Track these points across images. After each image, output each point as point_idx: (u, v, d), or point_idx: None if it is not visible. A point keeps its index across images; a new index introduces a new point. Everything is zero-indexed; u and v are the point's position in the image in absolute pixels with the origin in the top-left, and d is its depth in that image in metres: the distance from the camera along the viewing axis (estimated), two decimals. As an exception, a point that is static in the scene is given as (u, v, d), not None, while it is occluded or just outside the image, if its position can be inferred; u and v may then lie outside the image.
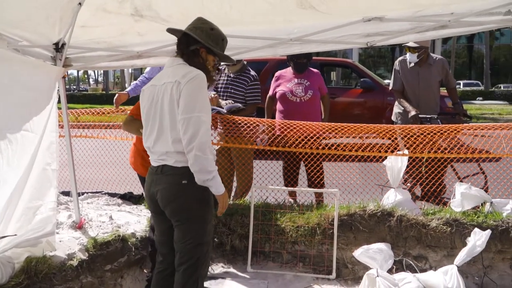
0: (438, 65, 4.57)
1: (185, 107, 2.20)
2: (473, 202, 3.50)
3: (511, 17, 3.04)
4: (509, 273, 3.28)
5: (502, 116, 16.03)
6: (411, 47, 4.44)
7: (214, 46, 2.36)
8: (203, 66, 2.36)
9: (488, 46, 33.19)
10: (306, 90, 4.40)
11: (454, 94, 4.80)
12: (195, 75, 2.24)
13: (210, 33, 2.36)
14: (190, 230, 2.33)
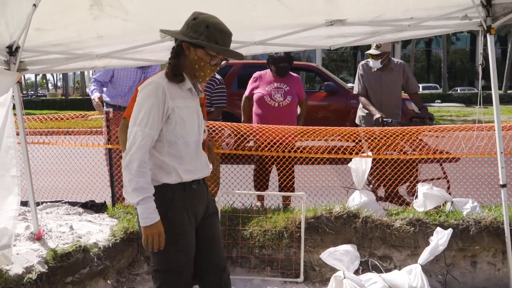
0: (399, 69, 4.67)
1: (131, 119, 2.02)
2: (435, 202, 3.59)
3: (467, 22, 3.16)
4: (471, 270, 3.38)
5: (459, 117, 16.67)
6: (374, 54, 4.51)
7: (195, 36, 1.95)
8: (188, 64, 2.03)
9: (445, 50, 34.54)
10: (285, 96, 4.35)
11: (417, 99, 4.89)
12: (147, 84, 2.01)
13: (191, 23, 1.99)
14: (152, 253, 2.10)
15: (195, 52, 1.99)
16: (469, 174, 4.53)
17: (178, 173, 2.03)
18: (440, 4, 3.00)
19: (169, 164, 2.02)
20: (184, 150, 2.05)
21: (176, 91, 2.02)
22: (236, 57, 2.14)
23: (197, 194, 2.13)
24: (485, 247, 3.32)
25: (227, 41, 2.01)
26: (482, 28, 3.07)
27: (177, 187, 2.04)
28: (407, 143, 4.26)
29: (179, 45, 2.02)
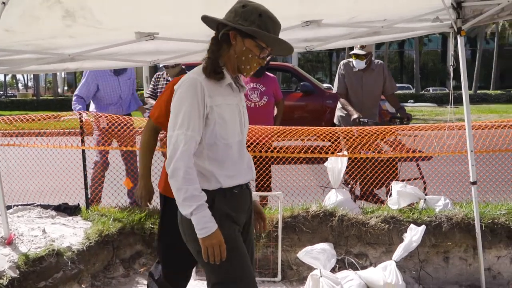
0: (379, 70, 4.73)
1: (169, 122, 1.83)
2: (408, 199, 3.66)
3: (439, 24, 3.24)
4: (443, 266, 3.47)
5: (431, 117, 17.07)
6: (361, 54, 4.56)
7: (246, 25, 1.77)
8: (232, 55, 1.83)
9: (417, 51, 35.29)
10: (261, 96, 4.37)
11: (394, 99, 4.97)
12: (182, 81, 1.83)
13: (240, 10, 1.79)
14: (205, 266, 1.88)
15: (243, 43, 1.80)
16: (441, 172, 4.65)
17: (217, 179, 1.85)
18: (412, 6, 3.07)
19: (209, 170, 1.85)
20: (225, 152, 1.87)
21: (215, 87, 1.83)
22: (288, 51, 1.90)
23: (239, 200, 1.94)
24: (456, 243, 3.41)
25: (278, 31, 1.84)
26: (453, 30, 3.16)
27: (216, 193, 1.86)
28: (386, 142, 4.35)
29: (224, 34, 1.81)
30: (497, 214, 3.49)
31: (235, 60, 1.85)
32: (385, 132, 4.09)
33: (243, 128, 1.96)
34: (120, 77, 4.63)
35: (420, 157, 4.28)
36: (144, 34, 2.78)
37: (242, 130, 1.95)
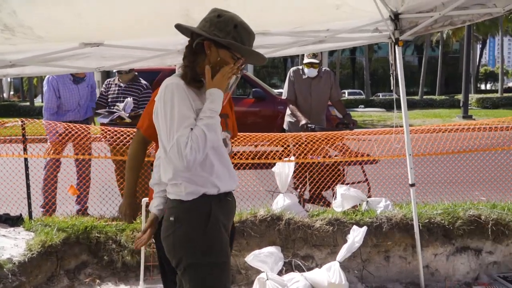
0: (327, 77, 4.90)
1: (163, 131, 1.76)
2: (352, 202, 3.81)
3: (378, 34, 3.42)
4: (384, 265, 3.63)
5: (380, 122, 17.72)
6: (315, 63, 4.69)
7: (221, 36, 1.76)
8: (207, 64, 1.81)
9: (367, 58, 36.49)
10: None
11: (341, 106, 5.15)
12: (165, 87, 1.78)
13: (215, 20, 1.79)
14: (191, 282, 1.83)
15: (218, 53, 1.79)
16: (387, 175, 4.87)
17: (214, 183, 1.84)
18: (353, 18, 3.22)
19: (202, 176, 1.82)
20: (215, 157, 1.86)
21: (195, 93, 1.82)
22: (262, 60, 1.91)
23: (230, 206, 1.95)
24: (396, 242, 3.59)
25: (252, 42, 1.85)
26: (391, 40, 3.34)
27: (213, 199, 1.84)
28: (331, 147, 4.50)
29: (199, 43, 1.80)
30: (434, 214, 3.70)
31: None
32: (332, 137, 4.24)
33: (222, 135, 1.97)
34: (80, 85, 4.75)
35: (365, 160, 4.47)
36: (89, 45, 2.76)
37: (222, 137, 1.96)
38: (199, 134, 1.71)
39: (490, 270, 3.74)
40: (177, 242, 1.82)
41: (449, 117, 19.34)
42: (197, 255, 1.80)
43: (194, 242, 1.80)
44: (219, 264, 1.82)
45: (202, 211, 1.81)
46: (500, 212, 3.77)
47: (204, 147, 1.73)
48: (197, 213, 1.81)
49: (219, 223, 1.84)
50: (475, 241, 3.70)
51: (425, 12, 2.93)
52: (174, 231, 1.82)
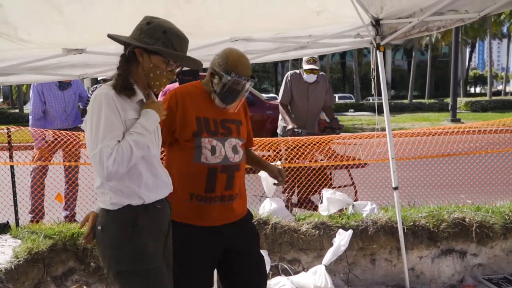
0: (323, 82, 4.93)
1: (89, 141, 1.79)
2: (338, 205, 3.84)
3: (360, 40, 3.47)
4: (370, 268, 3.66)
5: (369, 126, 17.85)
6: (315, 69, 4.70)
7: (151, 42, 1.80)
8: (141, 72, 1.85)
9: (357, 62, 36.75)
10: None
11: (330, 110, 5.18)
12: (93, 98, 1.80)
13: (145, 28, 1.82)
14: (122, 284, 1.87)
15: (150, 59, 1.82)
16: (372, 179, 4.92)
17: (139, 195, 1.85)
18: (334, 24, 3.27)
19: (128, 186, 1.83)
20: (143, 167, 1.86)
21: (126, 103, 1.82)
22: (195, 65, 1.97)
23: (162, 214, 1.95)
24: (382, 245, 3.62)
25: (184, 47, 1.88)
26: (373, 45, 3.39)
27: (139, 209, 1.85)
28: (320, 152, 4.54)
29: (131, 52, 1.83)
30: (419, 216, 3.75)
31: (144, 77, 1.86)
32: (320, 142, 4.28)
33: (158, 143, 1.99)
34: (65, 92, 4.74)
35: (352, 164, 4.51)
36: (72, 51, 2.77)
37: (158, 145, 1.98)
38: (125, 148, 1.74)
39: (475, 272, 3.79)
40: (105, 251, 1.86)
41: (438, 120, 19.52)
42: (123, 264, 1.82)
43: (120, 251, 1.82)
44: (149, 271, 1.83)
45: (126, 220, 1.83)
46: (484, 214, 3.82)
47: (128, 162, 1.75)
48: (121, 223, 1.83)
49: (145, 232, 1.85)
50: (459, 244, 3.74)
51: (404, 18, 2.99)
52: (101, 239, 1.86)
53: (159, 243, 1.93)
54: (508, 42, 43.44)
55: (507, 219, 3.79)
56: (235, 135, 2.21)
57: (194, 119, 2.14)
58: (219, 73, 2.11)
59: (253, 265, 2.29)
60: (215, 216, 2.18)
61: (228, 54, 2.15)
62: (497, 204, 4.17)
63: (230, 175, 2.17)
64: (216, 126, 2.17)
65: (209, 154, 2.13)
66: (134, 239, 1.83)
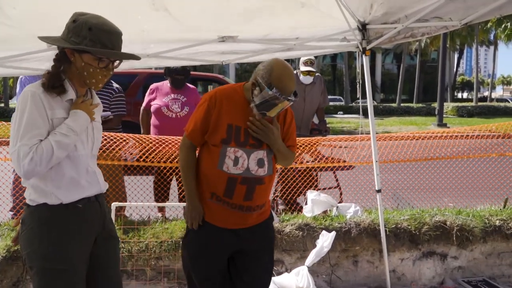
0: (319, 83, 4.94)
1: (11, 137, 1.79)
2: (322, 207, 3.87)
3: (346, 43, 3.50)
4: (353, 269, 3.69)
5: (357, 128, 17.96)
6: (312, 71, 4.70)
7: (78, 41, 1.78)
8: (75, 71, 1.85)
9: (347, 65, 36.95)
10: (182, 106, 4.37)
11: (322, 112, 5.21)
12: (21, 95, 1.81)
13: (71, 26, 1.80)
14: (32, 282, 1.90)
15: (81, 58, 1.81)
16: (356, 181, 4.96)
17: (57, 196, 1.85)
18: (321, 27, 3.29)
19: (47, 185, 1.84)
20: (66, 166, 1.86)
21: (55, 101, 1.82)
22: (129, 58, 1.92)
23: (85, 213, 1.92)
24: (364, 247, 3.65)
25: (115, 41, 1.83)
26: (359, 49, 3.42)
27: (57, 208, 1.86)
28: (304, 153, 4.56)
29: (61, 52, 1.84)
30: (401, 219, 3.79)
31: (79, 76, 1.86)
32: (308, 144, 4.30)
33: (91, 142, 1.98)
34: None
35: (338, 166, 4.55)
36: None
37: (90, 144, 1.97)
38: (46, 148, 1.75)
39: (455, 275, 3.85)
40: (22, 244, 1.89)
41: (425, 124, 19.73)
42: (34, 259, 1.84)
43: (33, 247, 1.84)
44: (59, 271, 1.83)
45: (42, 218, 1.84)
46: (464, 218, 3.88)
47: (48, 162, 1.76)
48: (37, 219, 1.84)
49: (61, 231, 1.85)
50: (440, 246, 3.79)
51: (390, 24, 3.02)
52: (21, 232, 1.89)
53: (83, 243, 1.92)
54: (494, 50, 44.10)
55: (487, 223, 3.86)
56: (264, 147, 2.19)
57: (226, 126, 2.14)
58: (260, 85, 2.07)
59: (258, 269, 2.32)
60: (233, 220, 2.22)
61: (274, 67, 2.09)
62: (477, 208, 4.24)
63: (250, 187, 2.17)
64: (246, 137, 2.16)
65: (231, 164, 2.14)
66: (48, 236, 1.83)
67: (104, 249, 2.02)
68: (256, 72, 2.12)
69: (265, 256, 2.35)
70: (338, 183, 4.73)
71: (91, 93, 2.00)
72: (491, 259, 3.90)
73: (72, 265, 1.87)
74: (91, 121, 1.94)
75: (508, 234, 3.87)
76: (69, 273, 1.86)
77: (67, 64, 1.84)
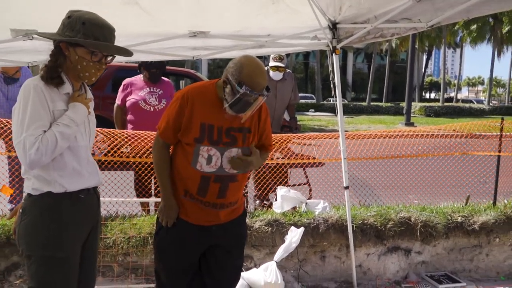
0: (290, 79, 4.93)
1: (15, 128, 1.86)
2: (291, 203, 3.91)
3: (317, 42, 3.54)
4: (320, 264, 3.75)
5: (328, 126, 18.21)
6: (281, 66, 4.70)
7: (72, 35, 1.86)
8: (70, 65, 1.92)
9: (319, 64, 37.34)
10: (160, 99, 4.29)
11: (293, 109, 5.23)
12: (22, 88, 1.88)
13: (66, 22, 1.90)
14: (28, 270, 1.95)
15: (75, 52, 1.89)
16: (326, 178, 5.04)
17: (61, 183, 1.92)
18: (293, 25, 3.32)
19: (51, 174, 1.91)
20: (68, 156, 1.94)
21: (55, 93, 1.90)
22: (122, 52, 1.98)
23: (86, 204, 2.02)
24: (332, 243, 3.72)
25: (107, 35, 1.91)
26: (329, 48, 3.47)
27: (61, 197, 1.93)
28: (277, 151, 4.59)
29: (57, 47, 1.92)
30: (367, 215, 3.88)
31: (73, 69, 1.93)
32: (279, 141, 4.33)
33: (88, 135, 2.06)
34: (10, 86, 4.48)
35: (308, 163, 4.60)
36: (20, 32, 2.65)
37: (87, 136, 2.05)
38: (50, 138, 1.82)
39: (418, 269, 3.97)
40: (21, 233, 1.93)
41: (393, 123, 20.17)
42: (34, 248, 1.90)
43: (33, 235, 1.90)
44: (58, 260, 1.91)
45: (46, 206, 1.91)
46: (428, 214, 4.00)
47: (52, 152, 1.84)
48: (40, 208, 1.91)
49: (64, 219, 1.93)
50: (405, 242, 3.91)
51: (360, 23, 3.08)
52: (20, 222, 1.94)
53: (81, 233, 2.02)
54: (461, 52, 45.51)
55: (450, 219, 3.99)
56: (239, 144, 2.17)
57: (199, 125, 2.12)
58: (231, 83, 2.04)
59: (228, 265, 2.34)
60: (206, 217, 2.22)
61: (244, 64, 2.05)
62: (441, 205, 4.38)
63: (223, 185, 2.17)
64: (220, 135, 2.14)
65: (204, 163, 2.13)
66: (50, 225, 1.90)
67: (94, 240, 2.14)
68: (227, 69, 2.09)
69: (236, 251, 2.37)
70: (307, 180, 4.78)
71: (85, 87, 2.07)
72: (453, 254, 4.05)
73: (71, 254, 1.96)
74: (87, 114, 2.03)
75: (469, 230, 4.02)
76: (68, 261, 1.95)
77: (62, 58, 1.92)
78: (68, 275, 1.95)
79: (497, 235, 4.07)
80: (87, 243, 2.08)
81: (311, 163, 4.56)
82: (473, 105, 33.83)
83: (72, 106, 1.93)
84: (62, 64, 1.92)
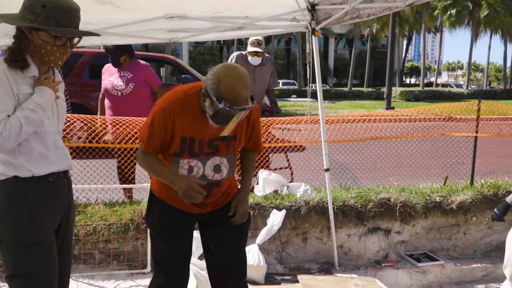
0: (269, 63, 4.90)
1: None
2: (273, 186, 3.93)
3: (296, 23, 3.52)
4: (302, 246, 3.79)
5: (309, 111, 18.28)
6: (259, 52, 4.65)
7: (32, 19, 1.76)
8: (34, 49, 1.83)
9: (301, 49, 37.29)
10: (127, 83, 4.14)
11: (272, 94, 5.20)
12: None
13: (26, 4, 1.80)
14: (3, 257, 1.92)
15: (38, 36, 1.79)
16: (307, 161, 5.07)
17: (27, 168, 1.87)
18: (272, 6, 3.29)
19: (18, 159, 1.85)
20: (34, 141, 1.88)
21: (20, 77, 1.82)
22: (84, 35, 1.90)
23: (55, 187, 1.96)
24: (313, 225, 3.76)
25: (70, 18, 1.79)
26: (308, 30, 3.45)
27: (28, 180, 1.87)
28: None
29: (19, 29, 1.82)
30: (348, 197, 3.92)
31: (37, 53, 1.85)
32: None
33: (60, 119, 2.00)
34: None
35: (289, 147, 4.62)
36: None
37: (56, 121, 1.98)
38: (14, 123, 1.77)
39: (398, 249, 4.05)
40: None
41: (374, 108, 20.34)
42: (6, 233, 1.86)
43: (3, 221, 1.86)
44: (33, 245, 1.87)
45: (12, 191, 1.86)
46: (407, 195, 4.07)
47: (16, 137, 1.79)
48: (6, 193, 1.86)
49: (33, 204, 1.88)
50: (385, 222, 3.97)
51: (338, 4, 3.06)
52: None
53: (53, 217, 1.97)
54: (440, 37, 46.00)
55: (428, 199, 4.07)
56: (222, 153, 2.09)
57: (179, 139, 2.02)
58: (210, 97, 1.88)
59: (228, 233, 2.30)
60: (192, 208, 2.18)
61: (221, 76, 1.87)
62: (420, 185, 4.46)
63: (207, 189, 2.07)
64: (201, 147, 2.05)
65: (185, 173, 2.08)
66: (19, 210, 1.86)
67: (67, 224, 2.09)
68: (206, 80, 1.92)
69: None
70: (289, 164, 4.80)
71: (53, 70, 1.99)
72: (431, 234, 4.13)
73: (46, 238, 1.91)
74: (55, 98, 1.95)
75: (447, 209, 4.10)
76: (44, 246, 1.90)
77: (26, 41, 1.83)
78: (46, 261, 1.90)
79: (474, 214, 4.17)
80: (61, 227, 2.04)
81: (292, 147, 4.58)
82: (452, 89, 34.38)
83: (38, 90, 1.85)
84: (26, 47, 1.84)
